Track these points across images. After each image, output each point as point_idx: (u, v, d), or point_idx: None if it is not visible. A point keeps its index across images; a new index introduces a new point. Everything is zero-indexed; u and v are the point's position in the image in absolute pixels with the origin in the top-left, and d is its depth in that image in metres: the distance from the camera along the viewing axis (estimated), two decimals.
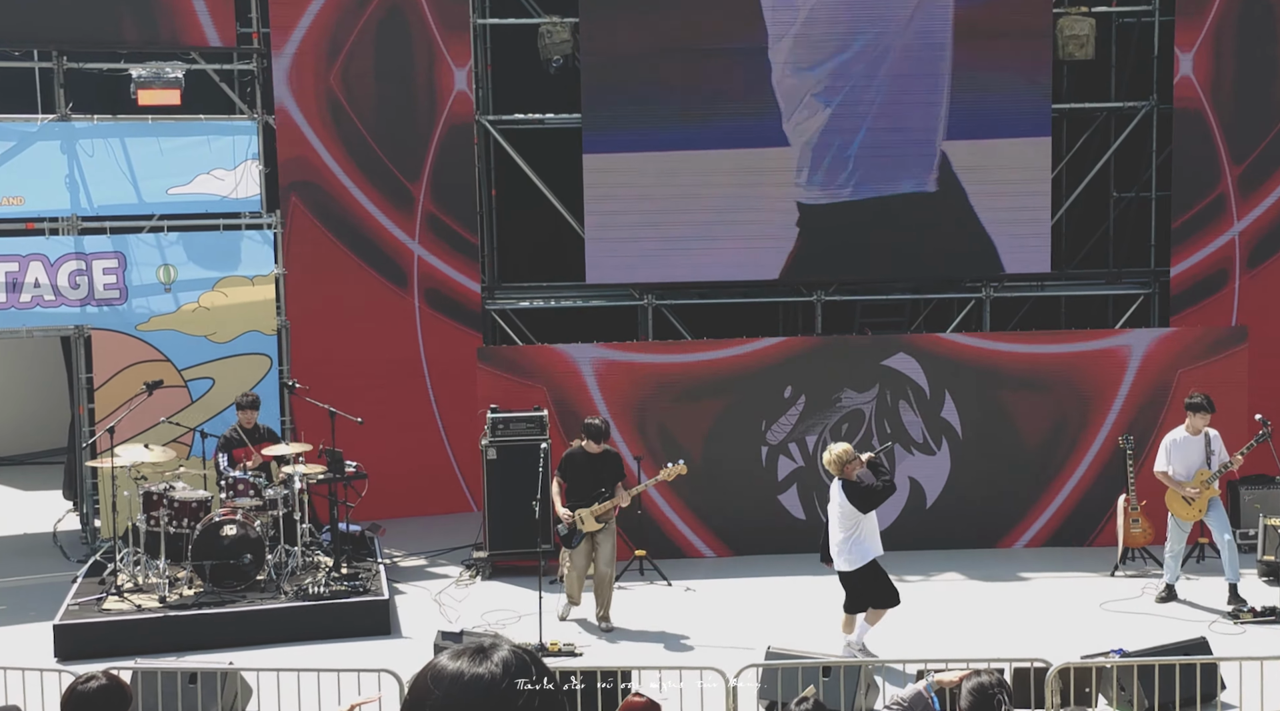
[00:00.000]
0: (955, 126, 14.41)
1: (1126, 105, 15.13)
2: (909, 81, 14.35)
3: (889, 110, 14.39)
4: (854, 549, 9.98)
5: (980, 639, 10.44)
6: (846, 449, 10.02)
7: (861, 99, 14.38)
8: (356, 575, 11.69)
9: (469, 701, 2.27)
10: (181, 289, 13.51)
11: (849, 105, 14.39)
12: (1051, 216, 14.75)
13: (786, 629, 10.69)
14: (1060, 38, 14.45)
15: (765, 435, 12.99)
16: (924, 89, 14.35)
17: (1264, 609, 10.99)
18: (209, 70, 14.04)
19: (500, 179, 15.38)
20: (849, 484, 9.97)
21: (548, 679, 2.32)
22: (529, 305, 15.31)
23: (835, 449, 10.04)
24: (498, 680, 2.28)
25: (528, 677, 2.30)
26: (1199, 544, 12.22)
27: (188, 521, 11.43)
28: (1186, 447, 11.31)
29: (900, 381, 13.00)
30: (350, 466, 12.29)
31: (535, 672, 2.31)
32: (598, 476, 11.01)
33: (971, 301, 15.09)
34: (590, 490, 11.01)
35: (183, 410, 13.22)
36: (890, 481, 10.09)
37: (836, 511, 10.05)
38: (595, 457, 11.01)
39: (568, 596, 11.29)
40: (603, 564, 11.07)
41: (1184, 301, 14.56)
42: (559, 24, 14.50)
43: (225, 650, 10.29)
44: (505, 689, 2.27)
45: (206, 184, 13.55)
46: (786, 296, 15.40)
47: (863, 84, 14.36)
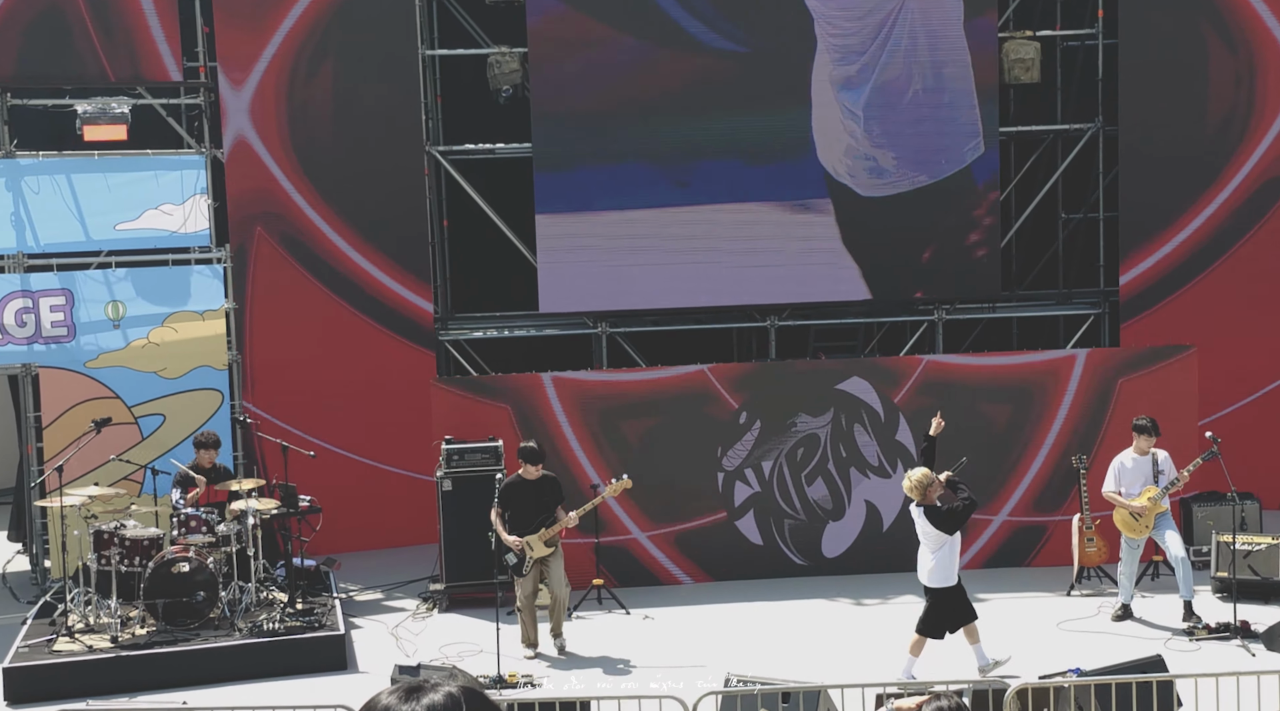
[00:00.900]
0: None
1: (1073, 127, 15.30)
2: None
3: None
4: (944, 568, 10.19)
5: (939, 661, 10.45)
6: (926, 473, 10.18)
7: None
8: (312, 610, 11.58)
9: None
10: (130, 325, 13.38)
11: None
12: (1001, 238, 14.86)
13: (746, 655, 10.67)
14: (1006, 62, 14.60)
15: (721, 461, 12.99)
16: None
17: (1219, 625, 11.06)
18: (156, 105, 13.96)
19: (451, 209, 15.36)
20: (931, 509, 10.15)
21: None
22: (483, 335, 15.27)
23: (915, 475, 10.19)
24: None
25: None
26: (1153, 562, 12.30)
27: (139, 559, 11.29)
28: (1134, 469, 11.44)
29: (855, 405, 13.04)
30: (304, 501, 12.19)
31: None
32: (540, 502, 11.08)
33: (924, 324, 15.17)
34: (534, 516, 11.06)
35: (133, 447, 13.08)
36: (970, 498, 10.24)
37: (923, 535, 10.22)
38: (535, 483, 11.09)
39: (525, 642, 11.15)
40: (556, 586, 11.11)
41: (1134, 308, 14.70)
42: (508, 54, 14.52)
43: (179, 689, 10.17)
44: None
45: (155, 219, 13.44)
46: (740, 322, 15.44)
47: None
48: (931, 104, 14.44)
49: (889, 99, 14.42)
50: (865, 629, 11.68)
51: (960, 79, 14.39)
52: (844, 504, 13.05)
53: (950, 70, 14.38)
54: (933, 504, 10.17)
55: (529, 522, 11.07)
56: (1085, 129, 15.19)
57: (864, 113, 14.43)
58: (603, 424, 12.87)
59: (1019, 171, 15.74)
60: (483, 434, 12.56)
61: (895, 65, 14.37)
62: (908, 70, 14.38)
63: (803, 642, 11.29)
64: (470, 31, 15.11)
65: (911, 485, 10.17)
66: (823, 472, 13.04)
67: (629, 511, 12.85)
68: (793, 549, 13.06)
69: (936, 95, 14.43)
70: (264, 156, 13.98)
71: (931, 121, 14.46)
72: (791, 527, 13.06)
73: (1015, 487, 13.00)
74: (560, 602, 11.18)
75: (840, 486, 13.04)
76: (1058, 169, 15.39)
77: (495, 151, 15.06)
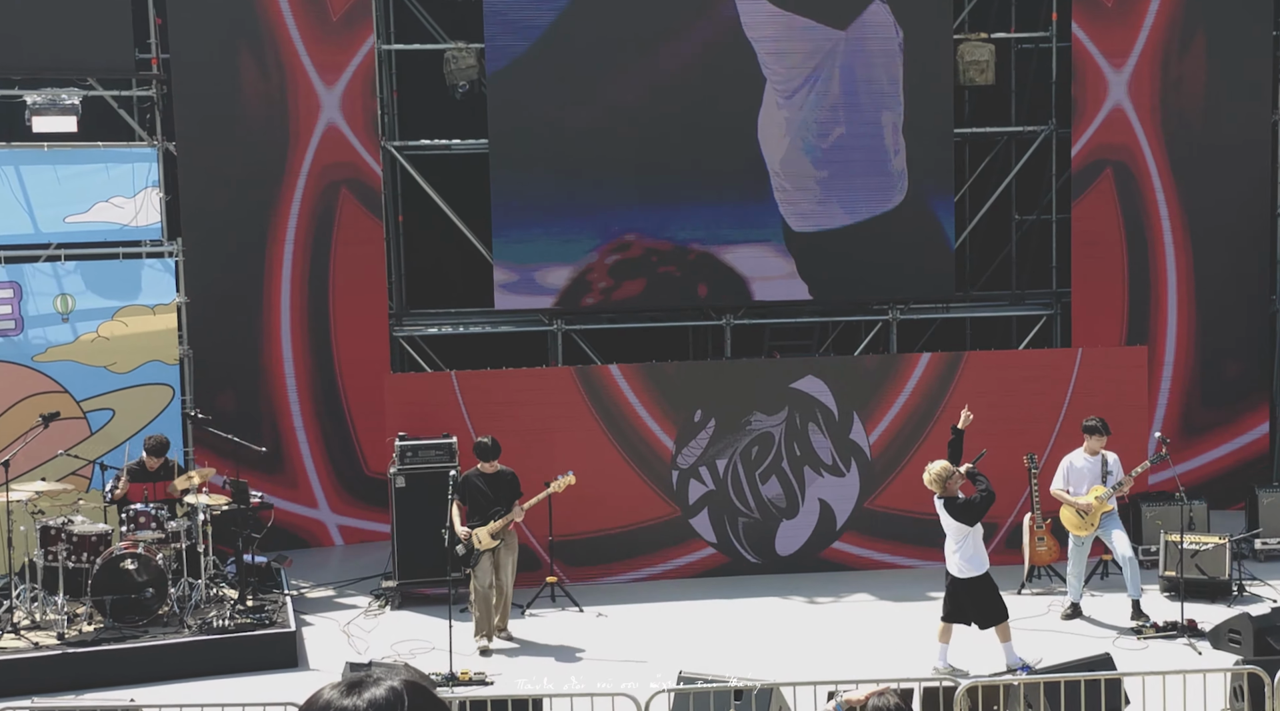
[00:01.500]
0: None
1: (1026, 129, 15.41)
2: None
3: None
4: (967, 559, 10.28)
5: (891, 658, 10.50)
6: (944, 466, 10.28)
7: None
8: (262, 607, 11.49)
9: None
10: (80, 319, 13.23)
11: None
12: (955, 239, 14.95)
13: (699, 653, 10.68)
14: (961, 63, 14.68)
15: (676, 459, 13.00)
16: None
17: (1166, 624, 11.17)
18: (107, 97, 13.80)
19: (407, 204, 15.28)
20: (950, 501, 10.25)
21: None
22: (437, 331, 15.21)
23: (934, 468, 10.29)
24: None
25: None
26: (1102, 561, 12.41)
27: (87, 556, 11.17)
28: (1083, 469, 11.55)
29: (809, 404, 13.08)
30: (255, 497, 12.10)
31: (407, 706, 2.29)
32: (494, 495, 11.20)
33: (879, 324, 15.24)
34: (487, 509, 11.16)
35: (82, 442, 12.94)
36: (988, 490, 10.31)
37: (946, 527, 10.34)
38: (490, 477, 11.22)
39: (479, 633, 11.17)
40: (504, 579, 11.22)
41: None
42: (464, 49, 14.46)
43: (127, 687, 10.07)
44: None
45: (105, 212, 13.30)
46: (695, 320, 15.45)
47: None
48: (862, 144, 14.44)
49: (823, 134, 14.42)
50: (818, 626, 11.72)
51: (890, 123, 14.42)
52: (798, 502, 13.09)
53: (884, 115, 14.42)
54: (953, 496, 10.26)
55: (482, 515, 11.19)
56: (1039, 131, 15.30)
57: (802, 149, 14.43)
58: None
59: (973, 173, 15.84)
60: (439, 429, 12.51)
61: (828, 104, 14.39)
62: (840, 110, 14.39)
63: (756, 640, 11.31)
64: (427, 27, 15.04)
65: (931, 478, 10.28)
66: (777, 471, 13.07)
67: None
68: (746, 547, 13.09)
69: (868, 136, 14.43)
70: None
71: (863, 161, 14.45)
72: (745, 526, 13.08)
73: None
74: (505, 595, 11.26)
75: (794, 485, 13.08)
76: (1011, 171, 15.50)
77: (451, 147, 15.00)
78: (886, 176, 14.57)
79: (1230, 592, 11.88)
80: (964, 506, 10.23)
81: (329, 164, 14.05)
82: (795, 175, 14.52)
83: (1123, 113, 14.62)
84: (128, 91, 13.91)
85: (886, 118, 14.48)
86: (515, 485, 11.30)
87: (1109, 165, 14.66)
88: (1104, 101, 14.60)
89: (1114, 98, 14.62)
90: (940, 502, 10.33)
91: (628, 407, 12.93)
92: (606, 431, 12.88)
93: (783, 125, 14.47)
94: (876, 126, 14.51)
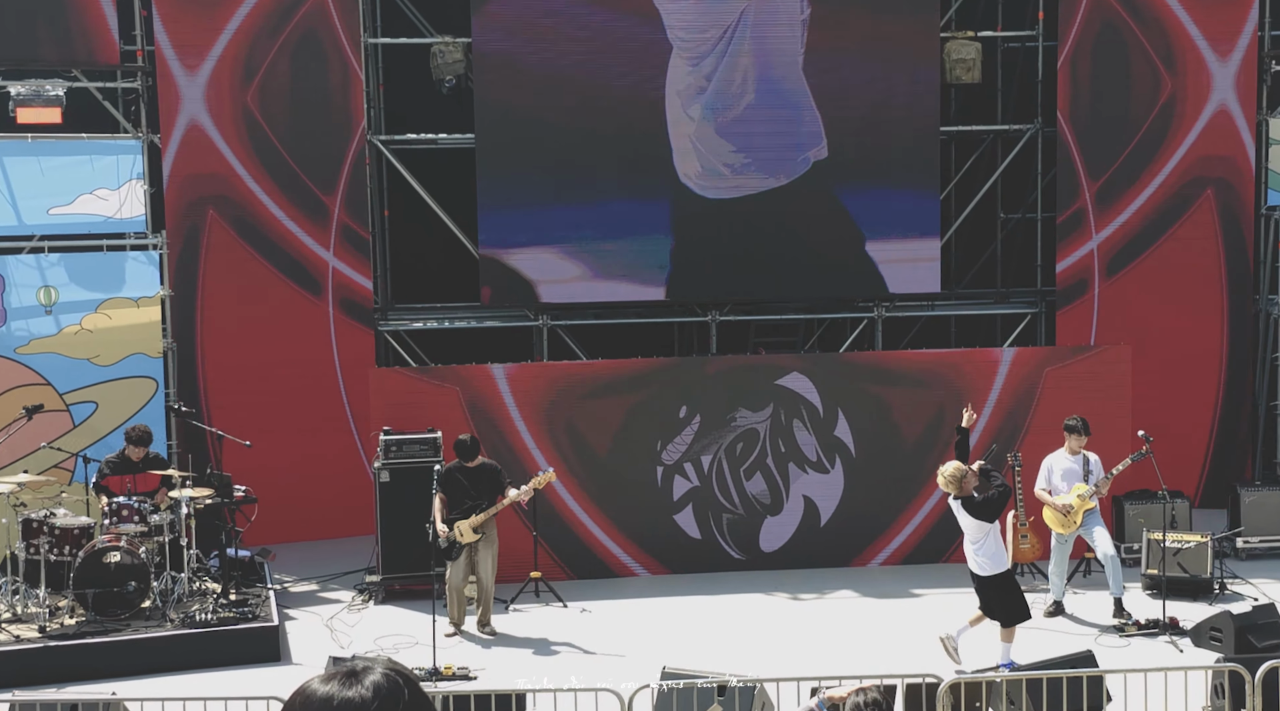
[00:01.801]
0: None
1: (1012, 128, 15.44)
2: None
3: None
4: (988, 556, 10.30)
5: (875, 655, 10.52)
6: (957, 467, 10.30)
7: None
8: (245, 601, 11.47)
9: None
10: (63, 311, 13.18)
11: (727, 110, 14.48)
12: (941, 237, 14.97)
13: (683, 649, 10.69)
14: (948, 61, 14.70)
15: (660, 455, 13.00)
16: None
17: (1148, 621, 11.22)
18: (92, 88, 13.75)
19: (393, 199, 15.25)
20: (967, 500, 10.26)
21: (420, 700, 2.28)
22: (423, 325, 15.19)
23: (947, 470, 10.31)
24: (368, 703, 2.23)
25: (399, 700, 2.25)
26: (1085, 559, 12.45)
27: (69, 549, 11.13)
28: (1065, 468, 11.59)
29: (794, 400, 13.09)
30: (239, 490, 12.07)
31: (408, 695, 2.27)
32: (475, 489, 11.24)
33: (864, 321, 15.26)
34: (470, 503, 11.22)
35: (64, 435, 12.89)
36: (1003, 485, 10.33)
37: (964, 527, 10.35)
38: (471, 471, 11.29)
39: (450, 621, 11.29)
40: (484, 574, 11.26)
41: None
42: (452, 44, 14.43)
43: (109, 680, 10.01)
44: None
45: (89, 204, 13.25)
46: (681, 316, 15.45)
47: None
48: (770, 109, 14.38)
49: (731, 103, 14.36)
50: (801, 623, 11.74)
51: (794, 86, 14.35)
52: (782, 499, 13.10)
53: (789, 79, 14.36)
54: (969, 495, 10.25)
55: (462, 509, 11.23)
56: (1025, 130, 15.33)
57: (711, 117, 14.38)
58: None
59: (959, 171, 15.87)
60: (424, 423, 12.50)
61: (737, 72, 14.34)
62: (749, 77, 14.35)
63: (739, 636, 11.33)
64: (414, 20, 15.01)
65: (946, 480, 10.29)
66: (761, 467, 13.09)
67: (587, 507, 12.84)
68: (730, 543, 13.10)
69: (776, 100, 14.38)
70: (217, 141, 13.80)
71: (773, 124, 14.38)
72: (730, 522, 13.09)
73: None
74: (486, 590, 11.30)
75: (779, 481, 13.09)
76: (997, 169, 15.53)
77: (438, 142, 14.97)
78: (792, 150, 14.47)
79: (1212, 591, 11.93)
80: (982, 504, 10.21)
81: (192, 175, 13.75)
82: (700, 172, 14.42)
83: (1227, 114, 14.48)
84: (113, 83, 13.85)
85: (792, 91, 14.38)
86: (498, 478, 11.33)
87: (1210, 184, 14.55)
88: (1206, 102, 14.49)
89: (1218, 95, 14.53)
90: (957, 503, 10.31)
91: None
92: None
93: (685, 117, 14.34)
94: (782, 98, 14.40)
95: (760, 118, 14.40)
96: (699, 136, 14.46)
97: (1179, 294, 14.71)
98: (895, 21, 14.45)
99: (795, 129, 14.43)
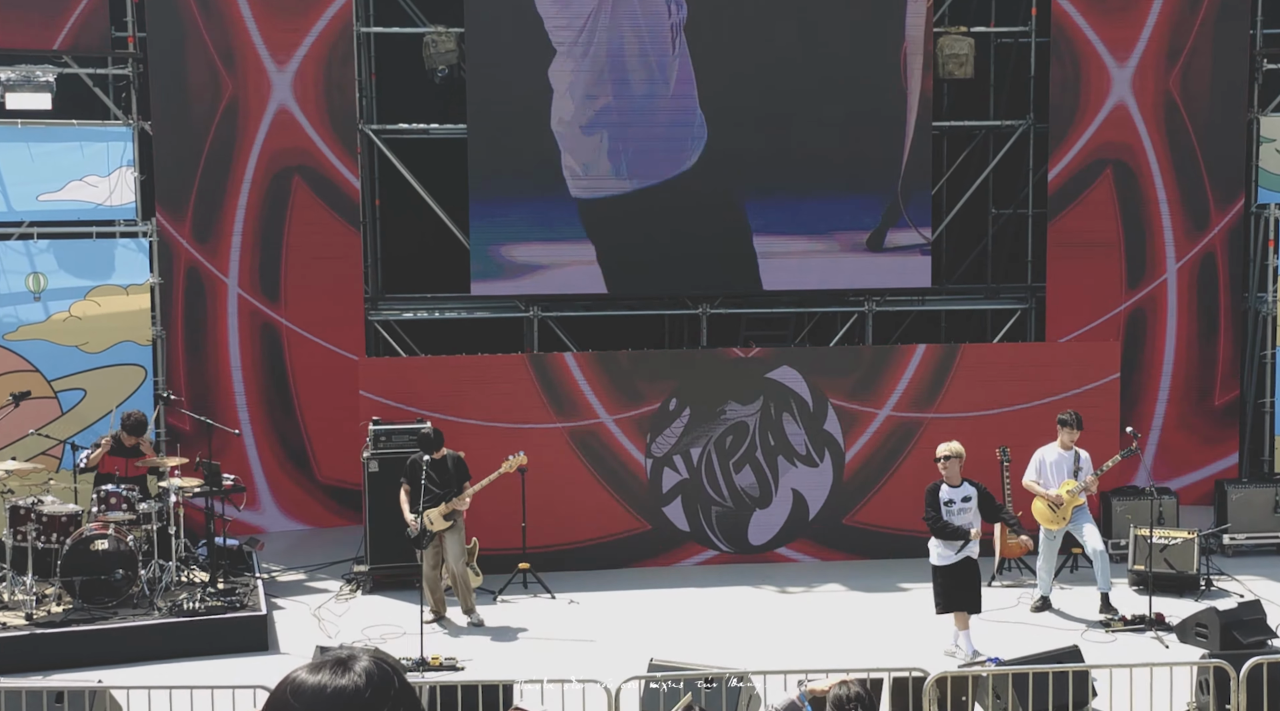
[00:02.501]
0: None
1: (1004, 123, 15.45)
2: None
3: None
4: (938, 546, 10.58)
5: (861, 648, 10.54)
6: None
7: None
8: (233, 590, 11.46)
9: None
10: (52, 298, 13.14)
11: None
12: (932, 232, 14.98)
13: (670, 641, 10.70)
14: (940, 57, 14.70)
15: (650, 448, 13.00)
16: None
17: (1134, 617, 11.25)
18: (83, 74, 13.69)
19: (384, 189, 15.22)
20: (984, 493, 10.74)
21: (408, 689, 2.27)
22: (413, 316, 15.16)
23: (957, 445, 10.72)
24: (360, 690, 2.22)
25: (391, 687, 2.25)
26: (1072, 554, 12.48)
27: (57, 536, 11.12)
28: (1056, 463, 11.62)
29: (784, 394, 13.10)
30: (228, 479, 12.06)
31: (397, 683, 2.26)
32: (441, 478, 11.27)
33: (854, 315, 15.27)
34: (435, 491, 11.24)
35: (52, 422, 12.86)
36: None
37: (973, 517, 10.63)
38: (435, 461, 11.31)
39: (432, 610, 11.35)
40: (452, 561, 11.29)
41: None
42: (444, 34, 14.39)
43: (95, 668, 10.01)
44: (368, 699, 2.22)
45: (79, 191, 13.21)
46: (672, 309, 15.45)
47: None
48: (652, 103, 14.30)
49: (611, 94, 14.28)
50: (789, 616, 11.75)
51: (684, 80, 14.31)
52: (771, 492, 13.11)
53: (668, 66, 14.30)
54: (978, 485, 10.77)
55: (430, 498, 11.23)
56: (1016, 125, 15.34)
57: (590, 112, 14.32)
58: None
59: (951, 166, 15.87)
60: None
61: (601, 57, 14.19)
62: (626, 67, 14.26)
63: (727, 629, 11.34)
64: (406, 10, 14.97)
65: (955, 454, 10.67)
66: (750, 460, 13.09)
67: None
68: (719, 536, 13.11)
69: (660, 92, 14.29)
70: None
71: (657, 120, 14.32)
72: (719, 515, 13.10)
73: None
74: (460, 577, 11.34)
75: (768, 474, 13.10)
76: (989, 164, 15.53)
77: (430, 131, 14.94)
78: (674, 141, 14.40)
79: (1198, 587, 11.97)
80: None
81: (280, 149, 13.84)
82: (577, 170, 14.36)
83: (1125, 110, 14.60)
84: (103, 69, 13.81)
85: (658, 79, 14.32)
86: (464, 469, 11.41)
87: (1109, 164, 14.67)
88: (1107, 98, 14.59)
89: (1117, 94, 14.62)
90: (972, 492, 10.64)
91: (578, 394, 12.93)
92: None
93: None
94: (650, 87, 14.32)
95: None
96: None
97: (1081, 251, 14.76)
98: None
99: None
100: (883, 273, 14.87)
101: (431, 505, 11.24)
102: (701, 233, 14.50)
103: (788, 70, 14.44)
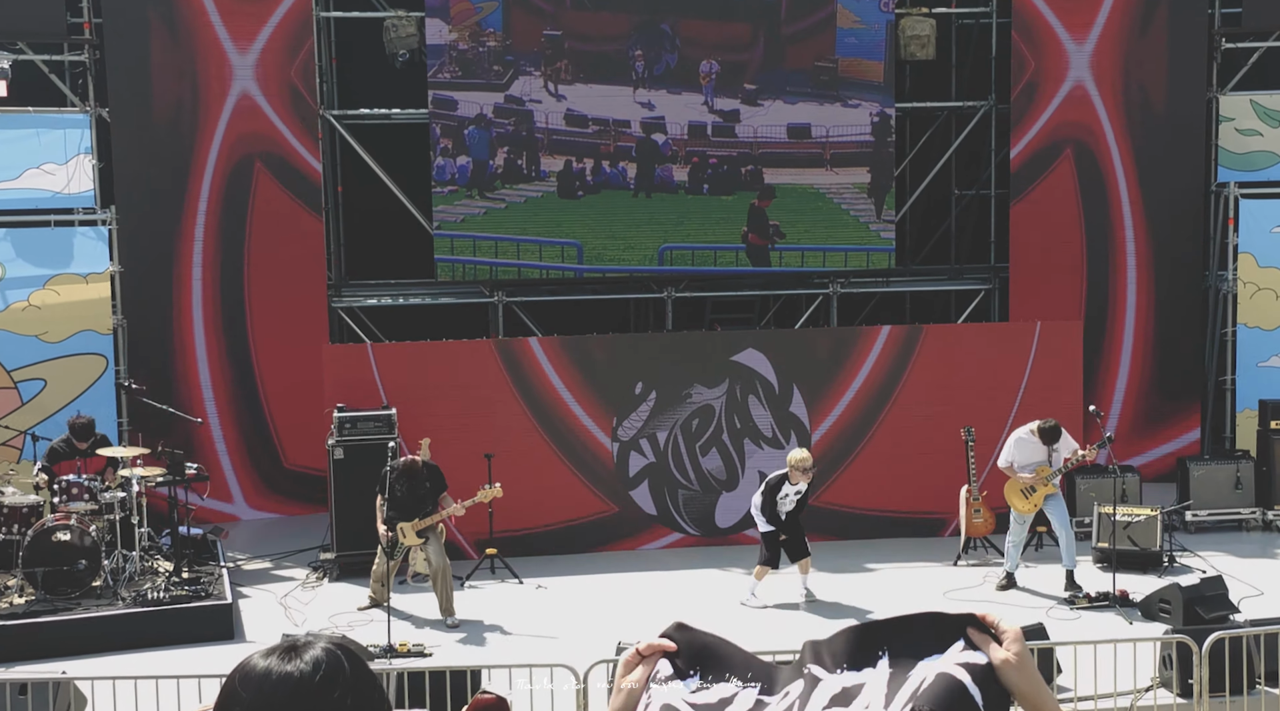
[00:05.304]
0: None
1: (966, 105, 15.49)
2: None
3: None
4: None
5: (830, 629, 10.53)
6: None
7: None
8: (198, 579, 11.39)
9: (278, 701, 2.17)
10: (10, 287, 13.01)
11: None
12: (895, 213, 15.02)
13: (638, 624, 10.69)
14: (902, 38, 14.72)
15: (617, 431, 13.00)
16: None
17: (1098, 594, 11.33)
18: (38, 61, 13.54)
19: (346, 174, 15.13)
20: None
21: (365, 675, 2.24)
22: (376, 302, 15.09)
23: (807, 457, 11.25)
24: (307, 677, 2.19)
25: (341, 674, 2.21)
26: (1037, 532, 12.54)
27: (18, 527, 11.04)
28: (1031, 446, 11.60)
29: (749, 376, 13.11)
30: (191, 468, 11.98)
31: (350, 669, 2.22)
32: (413, 490, 10.96)
33: (819, 297, 15.30)
34: (407, 503, 10.96)
35: (12, 412, 12.75)
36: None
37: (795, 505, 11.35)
38: (410, 472, 10.97)
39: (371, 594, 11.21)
40: (434, 557, 10.97)
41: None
42: (405, 18, 14.31)
43: (59, 659, 9.93)
44: (317, 685, 2.19)
45: (36, 179, 13.08)
46: (637, 293, 15.43)
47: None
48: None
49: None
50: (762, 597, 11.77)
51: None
52: (737, 474, 13.13)
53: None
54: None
55: (404, 509, 10.97)
56: (978, 107, 15.38)
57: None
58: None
59: (914, 147, 15.90)
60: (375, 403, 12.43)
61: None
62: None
63: (694, 612, 11.34)
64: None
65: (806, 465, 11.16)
66: (717, 443, 13.10)
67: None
68: (686, 519, 13.12)
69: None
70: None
71: None
72: (685, 498, 13.11)
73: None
74: (439, 574, 11.01)
75: (734, 457, 13.12)
76: (951, 146, 15.58)
77: (391, 116, 14.86)
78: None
79: (1161, 563, 12.07)
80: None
81: (242, 135, 13.74)
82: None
83: (1084, 90, 14.65)
84: (59, 56, 13.65)
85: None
86: (440, 480, 11.10)
87: (1069, 144, 14.72)
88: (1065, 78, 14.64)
89: (1075, 74, 14.66)
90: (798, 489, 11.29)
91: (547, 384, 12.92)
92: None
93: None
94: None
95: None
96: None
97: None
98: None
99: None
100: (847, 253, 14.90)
101: (405, 518, 10.98)
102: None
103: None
